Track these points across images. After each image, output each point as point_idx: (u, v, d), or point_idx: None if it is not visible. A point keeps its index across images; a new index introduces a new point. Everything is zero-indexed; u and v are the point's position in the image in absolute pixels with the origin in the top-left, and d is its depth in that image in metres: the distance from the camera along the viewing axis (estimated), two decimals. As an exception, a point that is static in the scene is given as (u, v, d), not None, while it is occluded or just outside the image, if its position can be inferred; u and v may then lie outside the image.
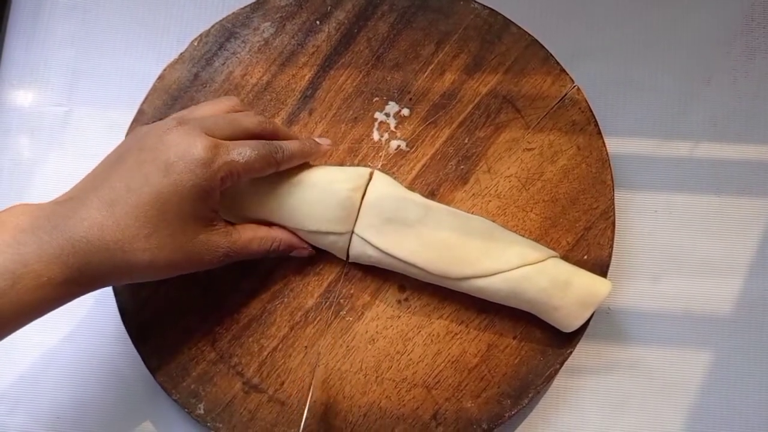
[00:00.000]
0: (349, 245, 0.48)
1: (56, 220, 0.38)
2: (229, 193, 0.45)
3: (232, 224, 0.45)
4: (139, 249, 0.39)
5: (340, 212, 0.46)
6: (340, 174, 0.48)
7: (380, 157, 0.52)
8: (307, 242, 0.48)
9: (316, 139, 0.49)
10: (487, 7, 0.53)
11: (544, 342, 0.49)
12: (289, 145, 0.46)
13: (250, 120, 0.45)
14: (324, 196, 0.46)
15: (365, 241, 0.47)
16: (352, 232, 0.48)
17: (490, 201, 0.51)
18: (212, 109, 0.46)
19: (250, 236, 0.45)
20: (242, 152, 0.42)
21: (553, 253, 0.48)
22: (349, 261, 0.49)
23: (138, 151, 0.41)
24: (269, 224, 0.47)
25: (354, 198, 0.47)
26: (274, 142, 0.45)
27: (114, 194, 0.39)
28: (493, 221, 0.49)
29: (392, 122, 0.52)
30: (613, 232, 0.50)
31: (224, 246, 0.43)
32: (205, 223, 0.42)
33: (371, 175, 0.48)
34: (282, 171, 0.46)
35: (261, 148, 0.43)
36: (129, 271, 0.40)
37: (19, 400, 0.52)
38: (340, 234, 0.47)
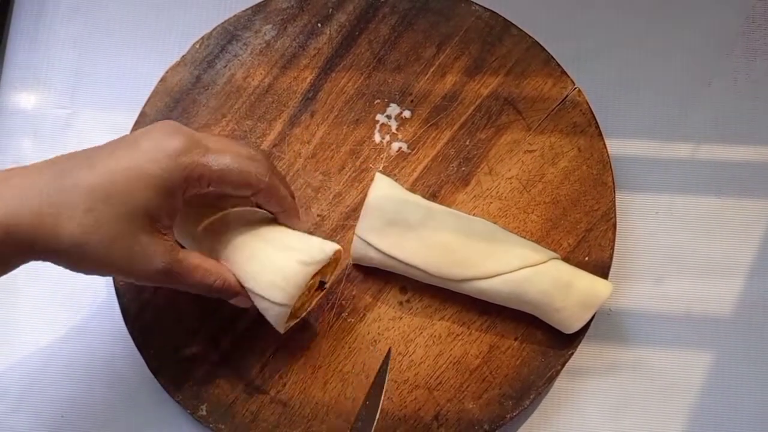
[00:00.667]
0: (282, 319, 0.43)
1: (13, 176, 0.37)
2: (187, 217, 0.44)
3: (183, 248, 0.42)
4: (72, 219, 0.36)
5: (280, 281, 0.42)
6: (300, 242, 0.44)
7: (382, 159, 0.52)
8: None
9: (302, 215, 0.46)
10: (488, 9, 0.53)
11: (545, 343, 0.49)
12: (276, 182, 0.42)
13: (256, 167, 0.41)
14: (271, 257, 0.42)
15: (367, 243, 0.47)
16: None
17: (491, 203, 0.51)
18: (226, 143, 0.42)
19: (197, 263, 0.41)
20: (219, 160, 0.39)
21: (554, 254, 0.48)
22: (352, 263, 0.49)
23: (125, 137, 0.40)
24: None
25: (302, 272, 0.42)
26: (262, 164, 0.42)
27: (73, 163, 0.37)
28: (495, 223, 0.49)
29: (394, 124, 0.52)
30: (614, 233, 0.50)
31: (164, 260, 0.39)
32: (152, 225, 0.38)
33: (336, 255, 0.44)
34: (246, 217, 0.44)
35: (243, 163, 0.40)
36: (55, 245, 0.36)
37: (22, 399, 0.52)
38: (275, 303, 0.42)
